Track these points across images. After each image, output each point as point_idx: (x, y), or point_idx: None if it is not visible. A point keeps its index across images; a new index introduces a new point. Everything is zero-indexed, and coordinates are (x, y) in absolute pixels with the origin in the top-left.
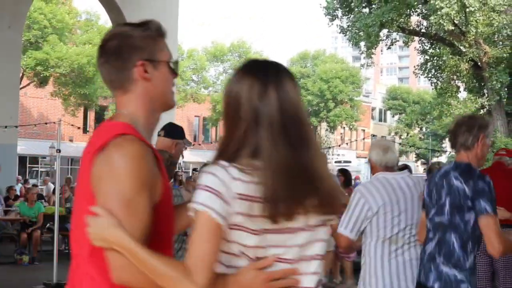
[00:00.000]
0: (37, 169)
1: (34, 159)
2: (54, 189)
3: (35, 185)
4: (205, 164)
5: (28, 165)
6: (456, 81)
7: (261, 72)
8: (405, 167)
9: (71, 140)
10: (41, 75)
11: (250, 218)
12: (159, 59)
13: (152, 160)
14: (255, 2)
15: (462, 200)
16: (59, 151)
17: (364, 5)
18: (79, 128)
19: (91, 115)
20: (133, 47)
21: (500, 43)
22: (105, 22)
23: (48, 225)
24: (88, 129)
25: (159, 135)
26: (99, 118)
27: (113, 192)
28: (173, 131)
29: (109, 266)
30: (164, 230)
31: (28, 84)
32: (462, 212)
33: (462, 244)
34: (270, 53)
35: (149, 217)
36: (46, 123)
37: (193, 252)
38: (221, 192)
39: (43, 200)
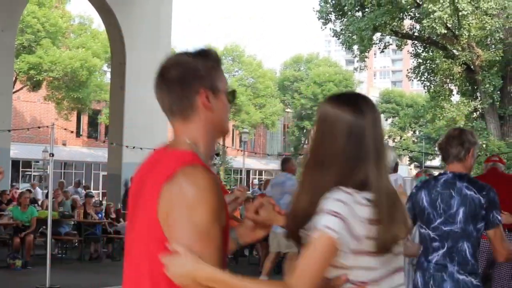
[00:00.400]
0: (30, 173)
1: (27, 163)
2: (47, 193)
3: (29, 190)
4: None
5: (21, 169)
6: (449, 85)
7: (372, 107)
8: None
9: (64, 144)
10: (34, 79)
11: (372, 241)
12: (219, 88)
13: (219, 189)
14: (248, 5)
15: (477, 210)
16: (52, 155)
17: (357, 8)
18: (72, 132)
19: (84, 119)
20: (197, 76)
21: (493, 46)
22: (98, 26)
23: (41, 229)
24: (81, 133)
25: None
26: (92, 122)
27: (188, 224)
28: None
29: None
30: (224, 255)
31: (21, 88)
32: (476, 221)
33: (474, 252)
34: (264, 56)
35: (222, 246)
36: (39, 127)
37: (304, 271)
38: (347, 217)
39: (36, 204)
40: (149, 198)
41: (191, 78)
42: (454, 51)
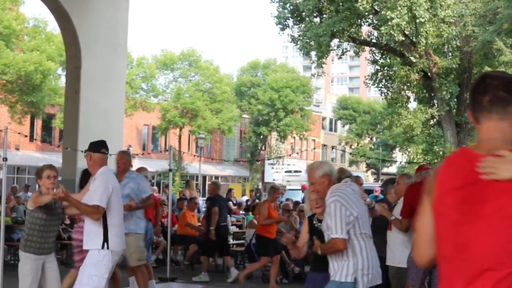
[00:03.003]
0: None
1: None
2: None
3: None
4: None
5: None
6: (406, 91)
7: None
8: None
9: (17, 149)
10: None
11: None
12: None
13: None
14: (206, 10)
15: None
16: (5, 159)
17: (315, 14)
18: (26, 136)
19: (38, 123)
20: None
21: (450, 54)
22: (53, 29)
23: None
24: (35, 137)
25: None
26: (46, 126)
27: None
28: None
29: None
30: None
31: None
32: None
33: None
34: (221, 61)
35: None
36: None
37: None
38: None
39: None
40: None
41: None
42: (412, 58)
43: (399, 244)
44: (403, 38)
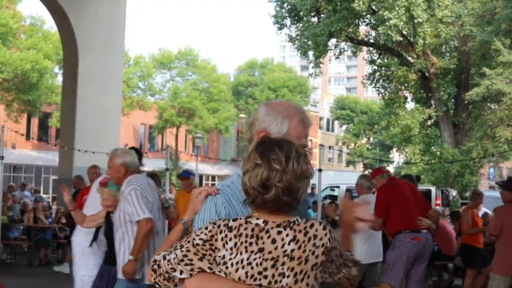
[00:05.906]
0: None
1: None
2: None
3: None
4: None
5: None
6: (404, 92)
7: None
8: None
9: (13, 147)
10: None
11: None
12: None
13: None
14: (203, 9)
15: None
16: (2, 158)
17: (312, 14)
18: (22, 134)
19: (35, 122)
20: None
21: (448, 54)
22: (50, 27)
23: None
24: (31, 136)
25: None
26: (42, 125)
27: None
28: None
29: None
30: None
31: None
32: None
33: None
34: (218, 61)
35: None
36: None
37: None
38: None
39: None
40: None
41: None
42: (409, 58)
43: (359, 241)
44: (401, 39)
